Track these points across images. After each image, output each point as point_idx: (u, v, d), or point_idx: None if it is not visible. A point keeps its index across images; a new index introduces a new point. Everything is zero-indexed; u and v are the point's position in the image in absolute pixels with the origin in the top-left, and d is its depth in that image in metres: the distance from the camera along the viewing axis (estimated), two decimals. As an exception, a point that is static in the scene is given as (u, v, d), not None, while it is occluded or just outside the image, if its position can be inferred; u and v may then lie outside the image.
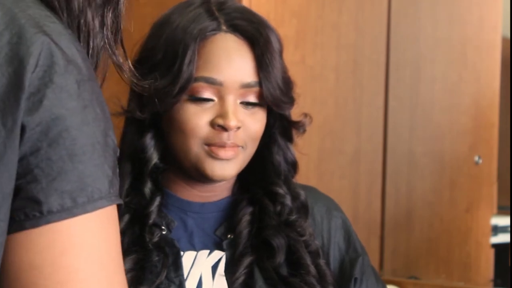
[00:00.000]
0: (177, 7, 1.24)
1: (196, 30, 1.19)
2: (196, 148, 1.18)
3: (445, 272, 2.94)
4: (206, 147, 1.18)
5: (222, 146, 1.18)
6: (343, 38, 2.78)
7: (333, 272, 1.27)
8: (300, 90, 1.28)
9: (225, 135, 1.18)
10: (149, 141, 1.23)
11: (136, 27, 1.27)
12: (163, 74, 1.18)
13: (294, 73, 1.28)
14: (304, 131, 1.28)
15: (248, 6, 2.33)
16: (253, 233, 1.23)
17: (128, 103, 1.25)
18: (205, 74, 1.18)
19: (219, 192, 1.27)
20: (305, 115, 1.28)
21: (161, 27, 1.23)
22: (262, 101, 1.21)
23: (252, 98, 1.20)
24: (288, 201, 1.26)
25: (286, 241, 1.23)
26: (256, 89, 1.20)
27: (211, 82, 1.18)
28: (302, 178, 1.36)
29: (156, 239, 1.20)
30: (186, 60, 1.17)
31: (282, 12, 2.57)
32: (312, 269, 1.22)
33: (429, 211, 2.99)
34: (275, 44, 1.21)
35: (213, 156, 1.18)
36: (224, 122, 1.17)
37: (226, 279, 1.21)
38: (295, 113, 1.30)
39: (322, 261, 1.25)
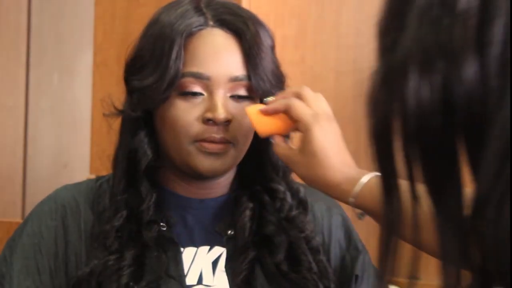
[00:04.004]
0: (167, 6, 1.24)
1: (182, 26, 1.19)
2: (187, 144, 1.19)
3: (445, 272, 2.94)
4: (196, 144, 1.18)
5: (212, 141, 1.18)
6: (343, 38, 2.78)
7: (334, 269, 1.27)
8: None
9: (214, 129, 1.18)
10: (142, 139, 1.23)
11: (136, 27, 1.27)
12: (151, 71, 1.19)
13: (294, 73, 1.28)
14: None
15: (248, 6, 2.33)
16: (253, 229, 1.24)
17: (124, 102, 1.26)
18: (192, 69, 1.19)
19: (218, 189, 1.27)
20: None
21: (150, 26, 1.23)
22: (252, 95, 1.21)
23: (242, 92, 1.20)
24: (288, 197, 1.27)
25: (287, 238, 1.24)
26: (245, 82, 1.20)
27: (198, 77, 1.18)
28: (302, 178, 1.36)
29: (154, 234, 1.21)
30: (173, 56, 1.18)
31: (282, 12, 2.57)
32: (313, 265, 1.23)
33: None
34: (264, 39, 1.21)
35: (203, 150, 1.18)
36: (213, 115, 1.17)
37: (227, 274, 1.22)
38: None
39: (323, 258, 1.25)
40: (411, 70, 0.66)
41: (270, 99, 1.18)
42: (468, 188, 0.68)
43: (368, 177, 1.12)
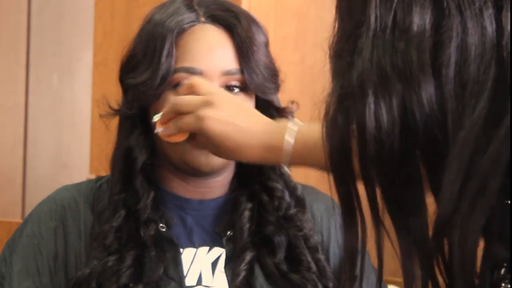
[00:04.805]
0: (160, 5, 1.25)
1: (173, 23, 1.20)
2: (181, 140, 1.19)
3: (445, 272, 2.93)
4: (191, 139, 1.19)
5: None
6: (343, 38, 2.77)
7: (333, 269, 1.27)
8: (300, 90, 1.28)
9: None
10: (138, 137, 1.23)
11: (136, 27, 1.27)
12: (145, 69, 1.20)
13: (294, 73, 1.29)
14: (293, 118, 1.27)
15: (248, 6, 2.33)
16: (253, 229, 1.24)
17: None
18: (185, 65, 1.19)
19: (216, 188, 1.27)
20: (292, 101, 1.29)
21: (143, 26, 1.25)
22: (246, 88, 1.21)
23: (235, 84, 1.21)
24: (286, 195, 1.26)
25: (286, 238, 1.24)
26: (238, 76, 1.20)
27: (191, 71, 1.19)
28: (302, 178, 1.36)
29: (152, 232, 1.20)
30: (165, 52, 1.18)
31: (282, 12, 2.57)
32: (312, 265, 1.23)
33: (428, 210, 2.99)
34: (257, 34, 1.22)
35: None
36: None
37: (226, 275, 1.22)
38: (295, 113, 1.30)
39: (321, 256, 1.25)
40: (369, 93, 0.66)
41: (157, 117, 1.16)
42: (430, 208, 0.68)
43: (293, 128, 1.05)
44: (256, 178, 1.27)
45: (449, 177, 0.63)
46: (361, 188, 0.71)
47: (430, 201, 0.69)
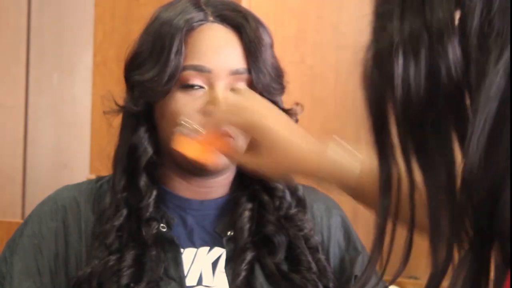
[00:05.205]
0: (166, 5, 1.26)
1: (182, 21, 1.21)
2: None
3: (445, 272, 2.93)
4: None
5: None
6: (343, 38, 2.78)
7: (333, 269, 1.27)
8: (300, 90, 1.28)
9: None
10: (142, 134, 1.23)
11: (136, 27, 1.28)
12: (152, 65, 1.20)
13: (294, 73, 1.29)
14: (297, 120, 1.27)
15: (248, 6, 2.34)
16: (253, 229, 1.24)
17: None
18: (193, 62, 1.19)
19: (218, 188, 1.27)
20: (297, 103, 1.28)
21: (150, 24, 1.25)
22: (252, 88, 1.21)
23: (242, 85, 1.21)
24: (286, 195, 1.27)
25: (287, 238, 1.24)
26: (246, 76, 1.21)
27: (199, 69, 1.19)
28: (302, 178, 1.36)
29: (153, 231, 1.20)
30: (174, 49, 1.19)
31: (282, 12, 2.57)
32: (313, 265, 1.23)
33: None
34: (264, 35, 1.23)
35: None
36: (214, 107, 1.17)
37: (227, 275, 1.22)
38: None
39: (322, 256, 1.25)
40: (398, 50, 0.67)
41: (186, 124, 1.16)
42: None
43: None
44: (257, 178, 1.27)
45: (474, 127, 0.64)
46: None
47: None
